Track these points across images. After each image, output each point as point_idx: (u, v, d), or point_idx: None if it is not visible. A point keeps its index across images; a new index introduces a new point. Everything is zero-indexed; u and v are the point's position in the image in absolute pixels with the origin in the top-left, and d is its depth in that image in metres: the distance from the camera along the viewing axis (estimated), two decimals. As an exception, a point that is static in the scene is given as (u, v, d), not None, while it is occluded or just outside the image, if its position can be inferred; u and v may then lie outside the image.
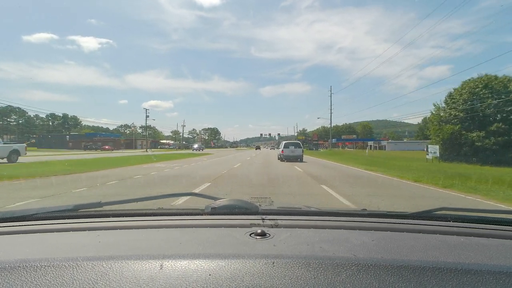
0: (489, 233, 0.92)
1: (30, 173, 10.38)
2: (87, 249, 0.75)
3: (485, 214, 1.19)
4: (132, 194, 6.73)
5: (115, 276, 0.57)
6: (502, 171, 15.10)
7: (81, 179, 9.26)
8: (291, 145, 20.67)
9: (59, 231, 0.92)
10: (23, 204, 5.43)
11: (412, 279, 0.57)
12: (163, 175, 10.88)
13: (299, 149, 20.22)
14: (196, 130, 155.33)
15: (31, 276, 0.58)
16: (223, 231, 0.90)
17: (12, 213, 1.06)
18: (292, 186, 8.29)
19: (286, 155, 19.80)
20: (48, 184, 8.21)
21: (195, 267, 0.60)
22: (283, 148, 20.40)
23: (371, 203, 5.78)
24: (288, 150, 20.01)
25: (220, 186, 8.10)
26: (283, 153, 20.01)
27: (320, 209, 1.21)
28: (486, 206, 5.90)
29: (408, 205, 5.70)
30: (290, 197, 6.41)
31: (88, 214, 1.13)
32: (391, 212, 1.18)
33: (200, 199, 1.30)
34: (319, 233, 0.88)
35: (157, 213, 1.12)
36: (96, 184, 8.28)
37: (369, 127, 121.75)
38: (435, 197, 6.85)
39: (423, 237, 0.87)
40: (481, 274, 0.59)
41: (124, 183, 8.61)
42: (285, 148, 20.18)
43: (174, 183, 8.87)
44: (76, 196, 6.37)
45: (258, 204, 1.19)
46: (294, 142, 22.19)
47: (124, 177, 9.86)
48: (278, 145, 25.82)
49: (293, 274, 0.58)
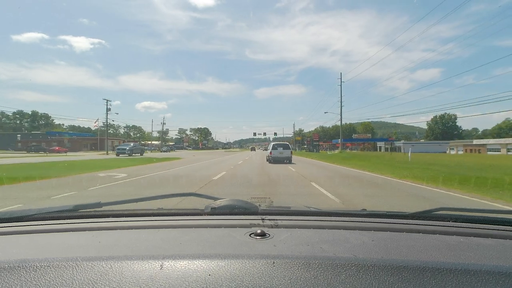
0: (489, 233, 0.91)
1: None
2: (87, 249, 0.76)
3: (484, 214, 1.19)
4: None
5: (115, 276, 0.57)
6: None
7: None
8: (280, 146, 20.29)
9: (59, 231, 0.93)
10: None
11: (411, 279, 0.57)
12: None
13: (288, 151, 19.99)
14: (185, 130, 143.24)
15: (31, 276, 0.58)
16: (223, 231, 0.89)
17: (11, 213, 1.07)
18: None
19: (274, 157, 19.54)
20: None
21: (195, 267, 0.60)
22: (271, 149, 20.08)
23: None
24: (277, 151, 19.77)
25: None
26: (271, 155, 19.70)
27: (320, 210, 1.21)
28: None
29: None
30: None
31: (88, 214, 1.12)
32: (390, 212, 1.17)
33: (200, 200, 1.30)
34: (319, 233, 0.88)
35: (157, 213, 1.12)
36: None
37: (371, 127, 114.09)
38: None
39: (422, 237, 0.87)
40: (481, 274, 0.59)
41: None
42: (274, 149, 19.89)
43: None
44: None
45: (258, 204, 1.18)
46: (283, 143, 21.63)
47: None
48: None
49: (293, 275, 0.58)
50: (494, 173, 13.12)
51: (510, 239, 0.87)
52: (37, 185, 8.85)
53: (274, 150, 19.77)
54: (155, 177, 11.00)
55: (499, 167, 16.24)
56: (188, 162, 20.84)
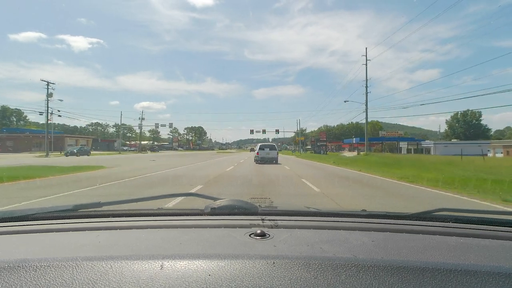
0: (489, 234, 0.91)
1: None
2: (87, 249, 0.75)
3: (484, 215, 1.19)
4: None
5: (115, 276, 0.57)
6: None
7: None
8: (266, 147, 21.27)
9: (59, 231, 0.93)
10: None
11: (411, 280, 0.57)
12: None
13: (274, 151, 20.95)
14: (178, 130, 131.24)
15: (31, 276, 0.58)
16: (222, 231, 0.90)
17: (11, 213, 1.06)
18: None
19: (261, 157, 20.42)
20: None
21: (194, 268, 0.60)
22: (258, 150, 21.15)
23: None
24: (264, 152, 20.66)
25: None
26: (258, 155, 20.58)
27: (319, 210, 1.21)
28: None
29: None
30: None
31: (88, 214, 1.13)
32: (390, 212, 1.16)
33: (200, 200, 1.31)
34: (319, 233, 0.88)
35: (157, 213, 1.13)
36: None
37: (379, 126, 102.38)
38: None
39: (422, 238, 0.87)
40: (481, 275, 0.59)
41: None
42: (260, 150, 20.87)
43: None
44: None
45: (258, 205, 1.18)
46: (270, 144, 22.91)
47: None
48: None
49: (293, 275, 0.58)
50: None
51: (510, 240, 0.87)
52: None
53: (261, 150, 20.67)
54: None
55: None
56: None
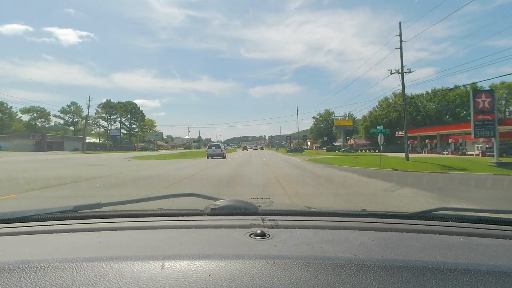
0: (489, 233, 0.91)
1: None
2: (87, 250, 0.75)
3: (484, 214, 1.18)
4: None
5: (115, 277, 0.57)
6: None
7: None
8: (213, 146, 29.41)
9: (59, 232, 0.92)
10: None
11: (412, 279, 0.57)
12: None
13: (219, 149, 28.50)
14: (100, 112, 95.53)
15: (31, 277, 0.58)
16: (223, 231, 0.89)
17: (11, 214, 1.06)
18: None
19: (210, 153, 28.00)
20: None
21: (195, 268, 0.60)
22: (207, 148, 29.48)
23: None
24: (211, 150, 28.45)
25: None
26: (207, 152, 28.48)
27: (319, 210, 1.20)
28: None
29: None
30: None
31: (88, 215, 1.12)
32: (390, 212, 1.16)
33: (200, 200, 1.29)
34: (319, 233, 0.88)
35: (157, 214, 1.12)
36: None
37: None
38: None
39: (422, 237, 0.87)
40: (481, 274, 0.59)
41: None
42: (209, 148, 29.01)
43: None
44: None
45: (258, 205, 1.17)
46: (216, 143, 32.16)
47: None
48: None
49: (293, 275, 0.58)
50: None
51: (510, 239, 0.87)
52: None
53: (209, 149, 28.85)
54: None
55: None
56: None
